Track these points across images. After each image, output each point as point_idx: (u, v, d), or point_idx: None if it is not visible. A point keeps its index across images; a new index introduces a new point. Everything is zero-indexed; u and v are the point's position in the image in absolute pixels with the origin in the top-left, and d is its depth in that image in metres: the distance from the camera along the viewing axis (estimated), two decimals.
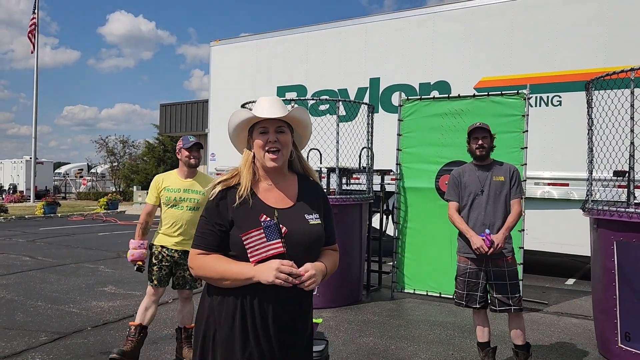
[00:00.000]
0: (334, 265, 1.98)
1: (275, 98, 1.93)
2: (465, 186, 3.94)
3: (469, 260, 3.88)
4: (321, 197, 2.02)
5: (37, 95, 23.84)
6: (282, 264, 1.71)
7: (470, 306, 3.89)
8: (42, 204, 17.89)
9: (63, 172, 37.16)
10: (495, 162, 3.97)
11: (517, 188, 3.88)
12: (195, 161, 4.01)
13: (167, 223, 3.98)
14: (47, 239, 11.51)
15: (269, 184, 1.93)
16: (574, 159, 6.97)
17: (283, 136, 1.89)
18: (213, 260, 1.82)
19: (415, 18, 8.70)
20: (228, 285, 1.80)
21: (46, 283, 6.86)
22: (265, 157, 1.87)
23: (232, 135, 1.97)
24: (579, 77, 6.98)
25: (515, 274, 3.83)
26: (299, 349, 1.91)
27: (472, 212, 3.89)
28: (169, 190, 3.97)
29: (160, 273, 3.97)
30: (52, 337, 4.61)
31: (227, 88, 10.87)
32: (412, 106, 6.45)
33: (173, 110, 21.16)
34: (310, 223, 1.88)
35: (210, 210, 1.88)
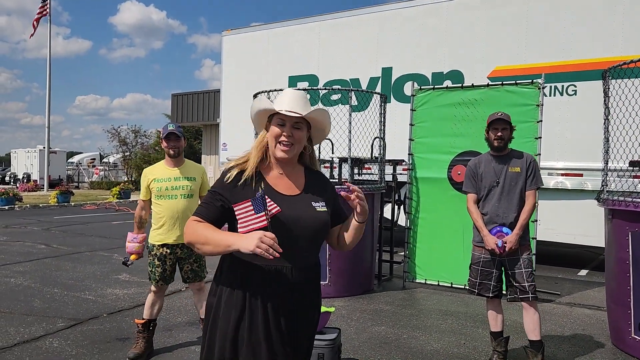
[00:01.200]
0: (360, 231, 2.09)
1: (300, 93, 1.97)
2: (482, 177, 3.91)
3: (482, 249, 3.88)
4: (327, 185, 2.11)
5: (50, 85, 24.03)
6: (265, 235, 1.72)
7: (482, 294, 3.90)
8: (56, 192, 18.10)
9: (76, 161, 37.53)
10: (513, 152, 3.91)
11: (532, 179, 3.82)
12: (175, 151, 3.89)
13: (163, 217, 3.88)
14: (62, 227, 11.67)
15: (280, 172, 1.99)
16: (588, 149, 6.90)
17: (298, 132, 1.93)
18: (204, 227, 1.87)
19: (429, 7, 8.61)
20: (209, 252, 1.83)
21: (62, 270, 6.97)
22: (276, 147, 1.93)
23: (253, 118, 2.03)
24: (595, 66, 6.89)
25: (530, 263, 3.81)
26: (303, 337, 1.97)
27: (487, 204, 3.86)
28: (158, 181, 3.88)
29: (164, 274, 3.93)
30: (69, 324, 4.69)
31: (239, 78, 10.87)
32: (424, 96, 6.42)
33: (185, 100, 21.23)
34: (317, 210, 1.96)
35: (222, 188, 1.93)
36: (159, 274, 3.92)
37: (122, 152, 30.28)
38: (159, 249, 3.91)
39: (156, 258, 3.91)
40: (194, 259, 3.97)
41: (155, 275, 3.93)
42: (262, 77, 10.31)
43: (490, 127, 3.88)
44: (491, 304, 3.96)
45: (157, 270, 3.92)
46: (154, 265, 3.93)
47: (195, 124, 22.59)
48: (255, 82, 10.11)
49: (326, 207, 1.99)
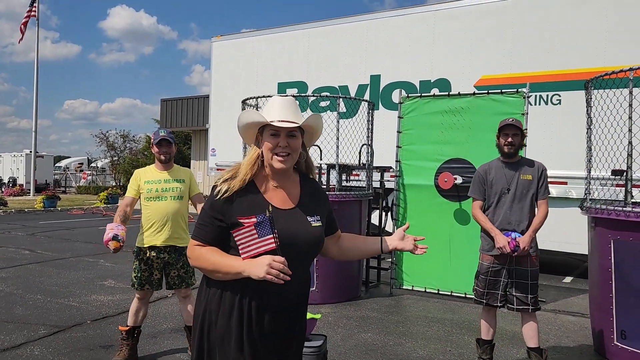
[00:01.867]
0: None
1: (290, 100, 1.89)
2: (492, 184, 3.85)
3: (492, 258, 3.82)
4: (322, 197, 2.05)
5: (38, 89, 23.84)
6: (274, 260, 1.70)
7: (490, 304, 3.84)
8: (42, 197, 17.92)
9: (63, 166, 37.14)
10: (523, 159, 3.90)
11: (544, 188, 3.80)
12: (166, 157, 3.93)
13: (152, 219, 3.86)
14: (47, 232, 11.54)
15: (275, 185, 1.91)
16: (572, 157, 6.98)
17: (294, 141, 1.86)
18: (209, 252, 1.84)
19: (417, 15, 8.70)
20: (220, 278, 1.81)
21: (45, 277, 6.89)
22: (273, 158, 1.85)
23: (241, 132, 1.94)
24: (579, 76, 6.99)
25: (537, 275, 3.79)
26: (293, 347, 1.94)
27: (498, 211, 3.81)
28: (149, 183, 3.89)
29: (151, 277, 3.89)
30: (52, 331, 4.64)
31: (228, 83, 10.88)
32: (412, 103, 6.47)
33: (174, 105, 21.16)
34: (312, 225, 1.89)
35: (211, 206, 1.86)
36: (145, 278, 3.88)
37: (110, 156, 30.05)
38: (145, 252, 3.88)
39: (142, 262, 3.88)
40: (181, 264, 3.94)
41: (141, 280, 3.87)
42: (251, 83, 10.33)
43: (500, 133, 3.82)
44: (488, 313, 3.93)
45: (144, 275, 3.87)
46: (139, 270, 3.88)
47: (184, 129, 22.52)
48: (244, 88, 10.12)
49: (321, 220, 1.94)
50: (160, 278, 3.96)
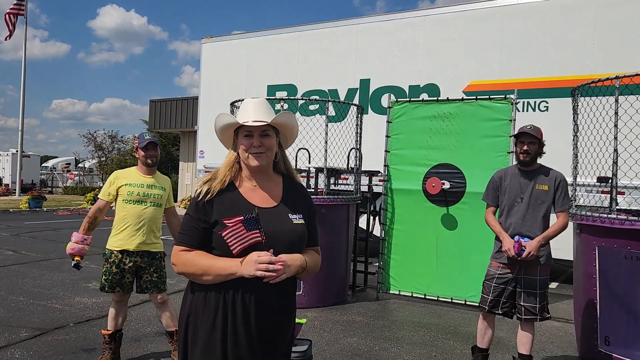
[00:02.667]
0: (315, 264, 1.98)
1: (261, 101, 1.93)
2: (506, 191, 3.78)
3: (501, 265, 3.75)
4: (306, 199, 2.03)
5: (25, 88, 23.56)
6: (259, 255, 1.73)
7: (493, 312, 3.79)
8: (28, 197, 17.69)
9: (50, 166, 36.77)
10: (542, 168, 3.79)
11: (563, 199, 3.69)
12: (153, 160, 3.87)
13: (128, 223, 3.77)
14: (32, 233, 11.39)
15: (254, 184, 1.94)
16: (559, 164, 6.98)
17: (268, 140, 1.89)
18: (196, 256, 1.84)
19: (407, 21, 8.73)
20: (210, 281, 1.81)
21: (29, 278, 6.79)
22: (249, 157, 1.89)
23: (218, 135, 1.99)
24: (566, 84, 7.06)
25: (546, 284, 3.73)
26: (279, 351, 1.92)
27: (509, 219, 3.74)
28: (131, 185, 3.80)
29: (123, 280, 3.80)
30: (33, 333, 4.56)
31: (217, 85, 10.83)
32: (401, 108, 6.48)
33: (163, 106, 21.02)
34: (293, 222, 1.90)
35: (195, 209, 1.88)
36: (117, 281, 3.78)
37: (97, 157, 29.78)
38: (117, 255, 3.78)
39: (114, 265, 3.77)
40: (154, 269, 3.85)
41: (112, 282, 3.77)
42: (241, 86, 10.30)
43: (517, 140, 3.77)
44: (486, 319, 3.87)
45: (115, 278, 3.77)
46: (110, 273, 3.77)
47: (173, 131, 22.38)
48: (233, 90, 10.09)
49: (303, 219, 1.94)
50: (132, 281, 3.86)
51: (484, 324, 3.89)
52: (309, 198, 2.07)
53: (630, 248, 3.85)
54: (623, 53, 6.88)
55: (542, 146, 3.76)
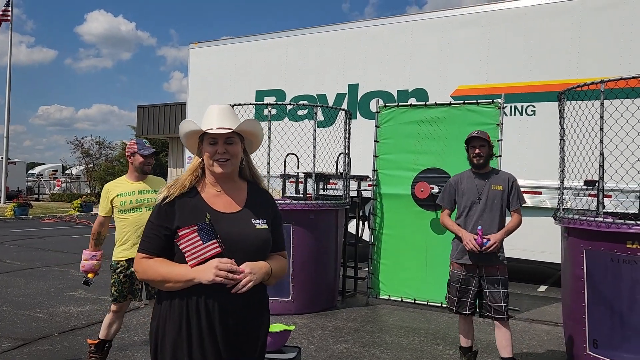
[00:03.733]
0: (281, 269, 1.98)
1: (226, 108, 1.93)
2: (463, 193, 3.96)
3: (462, 267, 3.90)
4: (270, 204, 2.04)
5: (10, 94, 23.30)
6: (220, 262, 1.73)
7: (460, 312, 3.92)
8: (13, 205, 17.45)
9: (37, 172, 36.33)
10: (493, 170, 4.00)
11: (517, 198, 3.91)
12: (150, 168, 3.89)
13: (129, 232, 3.78)
14: (17, 241, 11.22)
15: (218, 190, 1.94)
16: (546, 167, 7.08)
17: (232, 147, 1.89)
18: (156, 263, 1.83)
19: (395, 26, 8.76)
20: (170, 288, 1.79)
21: (13, 287, 6.67)
22: (213, 164, 1.88)
23: (184, 141, 1.99)
24: (553, 88, 7.11)
25: (507, 283, 3.87)
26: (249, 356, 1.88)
27: (469, 220, 3.90)
28: (123, 195, 3.79)
29: (133, 287, 3.81)
30: (16, 344, 4.47)
31: (206, 91, 10.78)
32: (389, 113, 6.48)
33: (151, 112, 20.91)
34: (256, 227, 1.89)
35: (157, 215, 1.88)
36: (127, 288, 3.79)
37: (85, 163, 29.50)
38: (123, 264, 3.78)
39: (122, 275, 3.77)
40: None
41: (123, 291, 3.77)
42: (229, 91, 10.25)
43: (468, 146, 3.95)
44: (465, 321, 3.99)
45: (125, 287, 3.78)
46: (119, 283, 3.77)
47: (161, 137, 22.27)
48: (221, 95, 10.05)
49: (267, 224, 1.94)
50: (142, 287, 3.87)
51: (463, 325, 4.01)
52: (274, 204, 2.07)
53: (616, 251, 3.87)
54: (608, 58, 6.95)
55: (491, 148, 3.96)
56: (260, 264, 1.83)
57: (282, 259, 2.02)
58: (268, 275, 1.85)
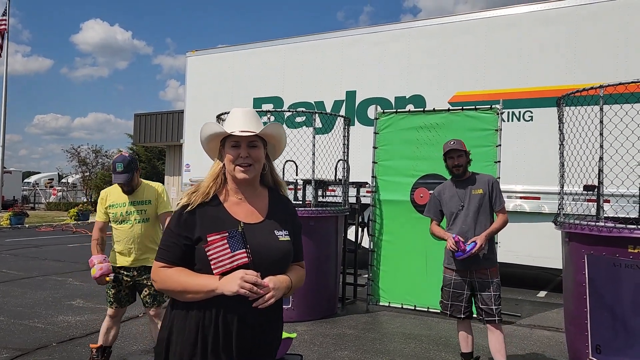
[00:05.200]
0: (300, 280, 1.92)
1: (249, 111, 1.88)
2: (446, 203, 4.05)
3: (453, 272, 3.96)
4: (290, 213, 1.98)
5: (6, 103, 23.24)
6: (246, 273, 1.67)
7: (454, 316, 3.98)
8: (9, 214, 17.33)
9: (33, 181, 36.16)
10: (473, 174, 4.07)
11: (498, 199, 3.98)
12: (128, 189, 3.78)
13: (120, 241, 3.80)
14: (13, 250, 11.14)
15: (239, 197, 1.87)
16: (544, 173, 7.09)
17: (255, 151, 1.83)
18: (175, 273, 1.77)
19: (392, 33, 8.80)
20: (191, 299, 1.74)
21: (10, 297, 6.61)
22: (235, 169, 1.82)
23: (204, 145, 1.92)
24: (550, 94, 7.14)
25: (499, 286, 3.93)
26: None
27: (454, 227, 3.98)
28: (114, 207, 3.79)
29: (119, 294, 3.82)
30: (14, 354, 4.42)
31: (203, 99, 10.78)
32: (388, 119, 6.49)
33: (148, 120, 20.86)
34: (279, 239, 1.83)
35: (176, 223, 1.81)
36: (113, 294, 3.81)
37: (81, 172, 29.39)
38: (116, 270, 3.81)
39: (111, 279, 3.79)
40: (152, 282, 3.79)
41: (109, 297, 3.83)
42: (226, 99, 10.25)
43: (446, 157, 4.05)
44: (462, 326, 4.03)
45: (111, 292, 3.81)
46: (109, 287, 3.82)
47: (158, 145, 22.22)
48: (219, 103, 10.03)
49: (289, 236, 1.87)
50: (128, 294, 3.87)
51: (463, 330, 4.05)
52: (294, 212, 2.01)
53: (618, 256, 3.86)
54: (605, 63, 6.99)
55: (468, 155, 4.05)
56: (282, 279, 1.77)
57: (300, 270, 1.97)
58: (289, 289, 1.81)
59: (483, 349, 4.81)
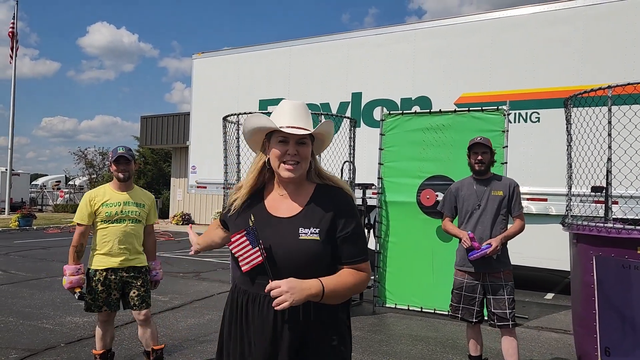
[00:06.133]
0: (344, 286, 1.68)
1: (299, 105, 1.77)
2: (463, 200, 3.98)
3: (465, 274, 3.89)
4: (332, 209, 1.74)
5: (15, 106, 23.43)
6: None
7: (465, 319, 3.89)
8: (17, 216, 17.46)
9: (40, 183, 36.41)
10: (495, 176, 4.01)
11: (517, 204, 3.91)
12: (125, 175, 3.71)
13: (109, 241, 3.67)
14: (22, 252, 11.21)
15: (281, 193, 1.79)
16: (551, 174, 7.06)
17: (304, 148, 1.73)
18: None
19: (397, 34, 8.80)
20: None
21: (18, 298, 6.65)
22: (280, 167, 1.72)
23: (246, 137, 1.83)
24: (557, 95, 7.12)
25: (512, 289, 3.86)
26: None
27: (469, 226, 3.91)
28: (108, 205, 3.68)
29: (109, 299, 3.70)
30: (23, 355, 4.45)
31: (209, 101, 10.82)
32: (394, 121, 6.48)
33: (154, 122, 20.97)
34: (299, 238, 1.68)
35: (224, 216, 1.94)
36: (103, 299, 3.68)
37: (88, 174, 29.55)
38: (102, 273, 3.68)
39: (100, 283, 3.67)
40: (140, 282, 3.75)
41: (98, 301, 3.67)
42: (232, 100, 10.29)
43: (470, 152, 3.97)
44: (472, 329, 3.96)
45: (101, 296, 3.67)
46: (96, 292, 3.67)
47: (164, 147, 22.30)
48: (225, 105, 10.07)
49: (319, 234, 1.69)
50: (119, 298, 3.77)
51: (472, 334, 3.98)
52: (344, 210, 1.75)
53: (627, 257, 3.83)
54: (612, 64, 6.96)
55: (493, 155, 3.99)
56: (305, 284, 1.59)
57: (349, 273, 1.72)
58: (315, 297, 1.60)
59: (491, 351, 4.79)
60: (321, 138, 1.83)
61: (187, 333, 5.23)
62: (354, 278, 1.71)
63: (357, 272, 1.73)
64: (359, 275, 1.73)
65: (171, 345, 4.76)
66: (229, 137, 6.68)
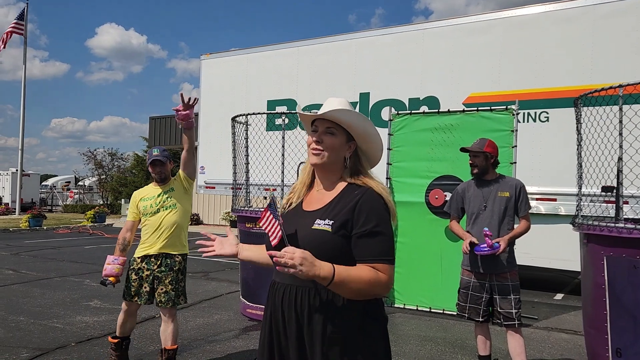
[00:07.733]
0: (358, 279, 1.63)
1: (338, 99, 1.82)
2: (469, 201, 4.00)
3: (472, 274, 3.91)
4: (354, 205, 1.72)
5: (25, 107, 23.63)
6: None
7: (472, 319, 3.92)
8: (28, 216, 17.62)
9: (50, 184, 36.72)
10: (500, 176, 4.01)
11: (524, 204, 3.91)
12: (160, 176, 3.98)
13: (150, 231, 3.90)
14: (32, 252, 11.31)
15: (318, 189, 1.87)
16: (561, 174, 7.02)
17: (330, 138, 1.77)
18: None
19: (405, 34, 8.77)
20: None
21: (29, 297, 6.72)
22: (308, 153, 1.83)
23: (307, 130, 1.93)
24: (566, 94, 7.07)
25: (518, 289, 3.87)
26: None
27: (475, 227, 3.93)
28: (145, 200, 3.96)
29: (141, 290, 3.86)
30: (34, 354, 4.48)
31: (217, 101, 10.85)
32: (402, 121, 6.47)
33: (162, 123, 21.07)
34: (312, 227, 1.72)
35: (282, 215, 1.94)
36: (135, 289, 3.86)
37: (97, 175, 29.74)
38: (139, 263, 3.89)
39: (134, 272, 3.88)
40: (169, 280, 3.85)
41: (130, 290, 3.87)
42: (241, 101, 10.31)
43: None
44: (480, 329, 3.98)
45: (133, 285, 3.87)
46: (130, 280, 3.89)
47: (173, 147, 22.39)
48: (233, 105, 10.10)
49: (332, 227, 1.69)
50: (150, 292, 3.89)
51: (481, 333, 4.00)
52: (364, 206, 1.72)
53: (638, 257, 3.80)
54: (621, 63, 6.90)
55: (488, 157, 3.95)
56: (317, 262, 1.57)
57: (365, 268, 1.66)
58: (323, 279, 1.58)
59: (500, 351, 4.77)
60: (351, 132, 1.80)
61: (195, 333, 5.25)
62: (369, 275, 1.65)
63: (374, 271, 1.67)
64: (377, 274, 1.66)
65: (180, 345, 4.78)
66: (238, 137, 6.70)
